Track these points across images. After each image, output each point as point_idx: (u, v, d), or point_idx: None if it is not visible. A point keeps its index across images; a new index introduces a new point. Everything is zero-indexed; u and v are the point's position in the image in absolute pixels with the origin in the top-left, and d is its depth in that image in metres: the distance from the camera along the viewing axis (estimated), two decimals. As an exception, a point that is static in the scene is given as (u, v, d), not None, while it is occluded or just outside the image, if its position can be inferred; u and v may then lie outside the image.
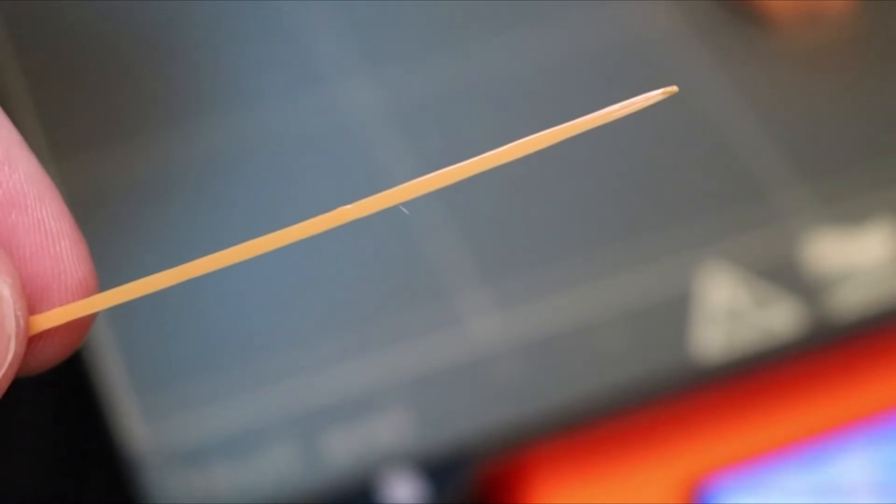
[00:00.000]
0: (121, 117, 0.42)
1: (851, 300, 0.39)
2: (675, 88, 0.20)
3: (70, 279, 0.20)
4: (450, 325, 0.38)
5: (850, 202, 0.41)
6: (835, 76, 0.45)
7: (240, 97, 0.43)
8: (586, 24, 0.45)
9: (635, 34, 0.45)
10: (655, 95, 0.20)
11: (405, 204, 0.20)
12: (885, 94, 0.44)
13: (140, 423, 0.36)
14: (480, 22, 0.45)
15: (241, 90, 0.43)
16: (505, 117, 0.43)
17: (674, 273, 0.39)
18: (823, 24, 0.45)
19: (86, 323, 0.21)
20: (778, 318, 0.39)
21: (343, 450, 0.36)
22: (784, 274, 0.39)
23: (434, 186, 0.20)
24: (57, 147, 0.41)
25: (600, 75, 0.44)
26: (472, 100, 0.43)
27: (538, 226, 0.41)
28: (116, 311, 0.38)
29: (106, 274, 0.39)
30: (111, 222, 0.40)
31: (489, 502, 0.38)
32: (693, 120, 0.43)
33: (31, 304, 0.20)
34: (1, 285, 0.19)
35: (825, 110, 0.44)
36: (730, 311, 0.39)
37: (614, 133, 0.43)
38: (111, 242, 0.39)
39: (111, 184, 0.40)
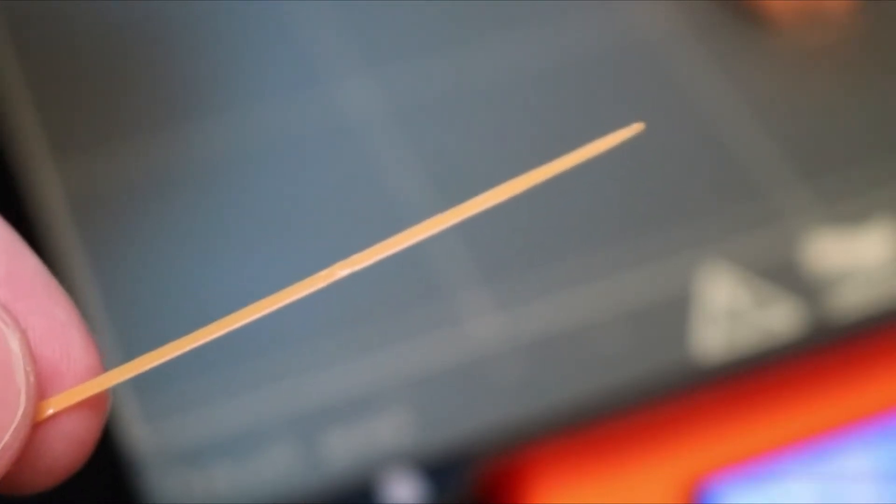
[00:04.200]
0: (121, 117, 0.42)
1: (851, 300, 0.39)
2: (641, 126, 0.20)
3: (79, 365, 0.20)
4: (450, 325, 0.38)
5: (850, 202, 0.41)
6: (835, 76, 0.45)
7: (240, 97, 0.43)
8: (586, 24, 0.45)
9: (635, 34, 0.45)
10: (622, 134, 0.20)
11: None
12: (885, 94, 0.44)
13: (140, 423, 0.36)
14: (481, 22, 0.45)
15: (241, 90, 0.43)
16: (505, 117, 0.43)
17: (674, 273, 0.39)
18: (823, 24, 0.45)
19: (98, 413, 0.20)
20: (778, 318, 0.39)
21: (343, 450, 0.36)
22: (784, 274, 0.39)
23: (415, 239, 0.20)
24: (57, 147, 0.41)
25: (600, 75, 0.44)
26: (472, 100, 0.43)
27: (538, 226, 0.41)
28: (115, 312, 0.38)
29: (106, 274, 0.39)
30: (111, 222, 0.40)
31: (489, 502, 0.38)
32: (693, 120, 0.43)
33: (41, 387, 0.19)
34: (10, 339, 0.18)
35: (825, 110, 0.44)
36: (730, 311, 0.39)
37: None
38: (112, 242, 0.39)
39: (111, 184, 0.40)
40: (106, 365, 0.20)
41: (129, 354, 0.37)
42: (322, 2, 0.45)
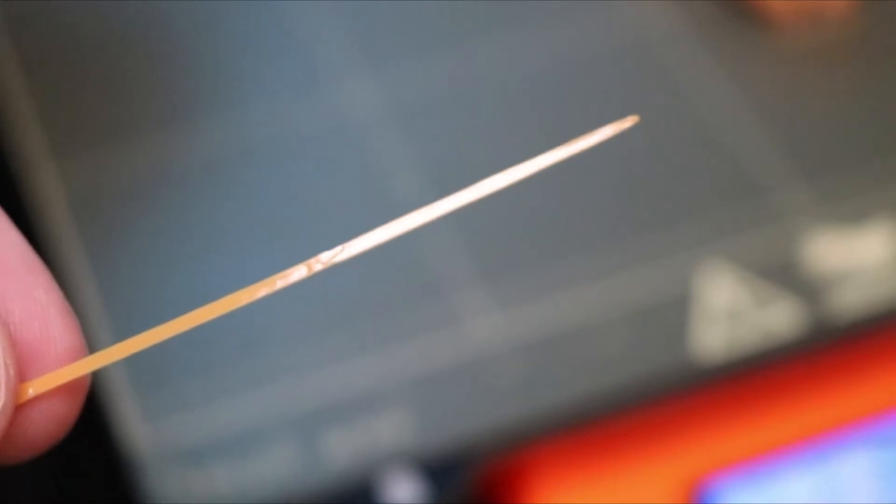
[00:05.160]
0: (121, 117, 0.42)
1: (851, 300, 0.39)
2: (636, 118, 0.20)
3: (59, 347, 0.20)
4: (450, 325, 0.38)
5: (850, 202, 0.41)
6: (835, 76, 0.45)
7: (240, 97, 0.43)
8: (586, 24, 0.45)
9: (635, 34, 0.45)
10: (616, 126, 0.20)
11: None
12: (886, 94, 0.44)
13: (140, 423, 0.36)
14: (481, 22, 0.45)
15: (240, 90, 0.43)
16: (505, 117, 0.43)
17: (674, 273, 0.39)
18: (823, 24, 0.45)
19: (77, 393, 0.20)
20: (778, 318, 0.39)
21: (343, 450, 0.36)
22: (784, 274, 0.39)
23: (397, 233, 0.20)
24: (57, 147, 0.41)
25: (600, 75, 0.44)
26: (472, 100, 0.43)
27: (538, 226, 0.41)
28: (114, 311, 0.38)
29: (106, 273, 0.39)
30: (111, 222, 0.40)
31: (489, 502, 0.38)
32: (693, 120, 0.43)
33: (21, 370, 0.19)
34: None
35: (825, 110, 0.44)
36: (730, 311, 0.39)
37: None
38: (111, 242, 0.39)
39: (111, 183, 0.40)
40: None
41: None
42: (322, 2, 0.45)
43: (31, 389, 0.19)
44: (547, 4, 0.45)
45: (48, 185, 0.40)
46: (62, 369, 0.20)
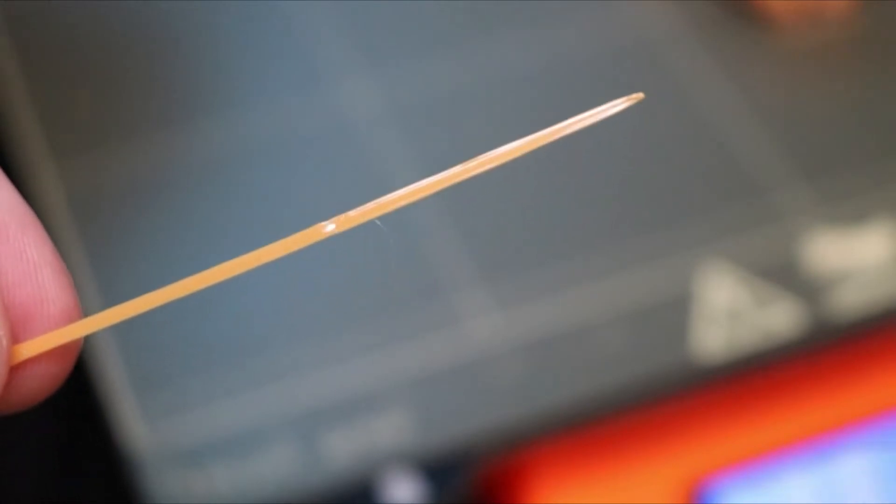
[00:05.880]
0: (121, 117, 0.42)
1: (851, 300, 0.39)
2: (640, 95, 0.20)
3: (52, 307, 0.20)
4: (450, 325, 0.38)
5: (850, 202, 0.41)
6: (835, 76, 0.45)
7: (240, 97, 0.43)
8: (586, 23, 0.45)
9: (635, 34, 0.45)
10: (621, 103, 0.20)
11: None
12: (886, 94, 0.44)
13: (140, 423, 0.36)
14: (481, 22, 0.45)
15: (241, 90, 0.43)
16: (505, 117, 0.43)
17: (674, 273, 0.39)
18: (823, 24, 0.45)
19: (70, 353, 0.20)
20: (778, 318, 0.39)
21: (343, 450, 0.36)
22: (784, 274, 0.39)
23: (403, 202, 0.20)
24: (57, 147, 0.41)
25: (601, 75, 0.44)
26: (472, 100, 0.43)
27: (538, 226, 0.41)
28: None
29: (106, 273, 0.39)
30: (111, 222, 0.40)
31: (489, 502, 0.38)
32: (693, 120, 0.43)
33: (14, 332, 0.19)
34: None
35: (825, 110, 0.44)
36: (730, 311, 0.39)
37: (614, 132, 0.43)
38: (111, 242, 0.39)
39: (111, 183, 0.40)
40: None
41: (128, 354, 0.37)
42: (322, 2, 0.45)
43: (25, 351, 0.19)
44: (547, 4, 0.45)
45: (48, 185, 0.40)
46: (55, 332, 0.20)
